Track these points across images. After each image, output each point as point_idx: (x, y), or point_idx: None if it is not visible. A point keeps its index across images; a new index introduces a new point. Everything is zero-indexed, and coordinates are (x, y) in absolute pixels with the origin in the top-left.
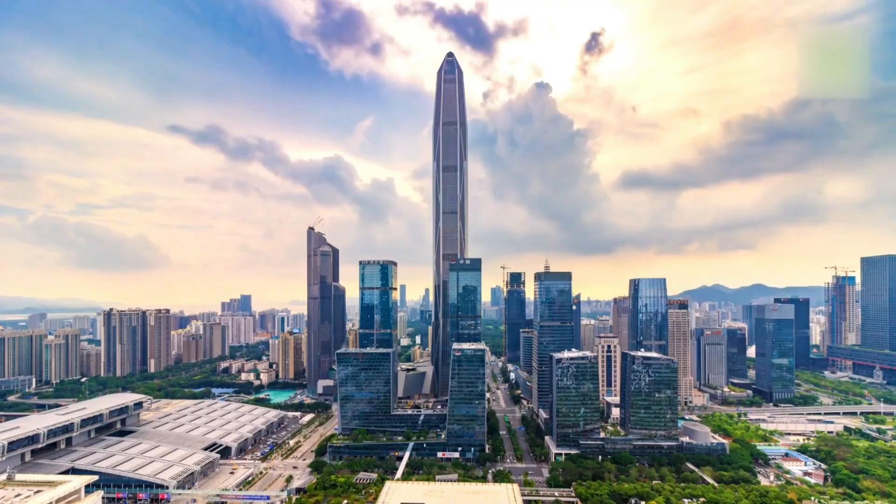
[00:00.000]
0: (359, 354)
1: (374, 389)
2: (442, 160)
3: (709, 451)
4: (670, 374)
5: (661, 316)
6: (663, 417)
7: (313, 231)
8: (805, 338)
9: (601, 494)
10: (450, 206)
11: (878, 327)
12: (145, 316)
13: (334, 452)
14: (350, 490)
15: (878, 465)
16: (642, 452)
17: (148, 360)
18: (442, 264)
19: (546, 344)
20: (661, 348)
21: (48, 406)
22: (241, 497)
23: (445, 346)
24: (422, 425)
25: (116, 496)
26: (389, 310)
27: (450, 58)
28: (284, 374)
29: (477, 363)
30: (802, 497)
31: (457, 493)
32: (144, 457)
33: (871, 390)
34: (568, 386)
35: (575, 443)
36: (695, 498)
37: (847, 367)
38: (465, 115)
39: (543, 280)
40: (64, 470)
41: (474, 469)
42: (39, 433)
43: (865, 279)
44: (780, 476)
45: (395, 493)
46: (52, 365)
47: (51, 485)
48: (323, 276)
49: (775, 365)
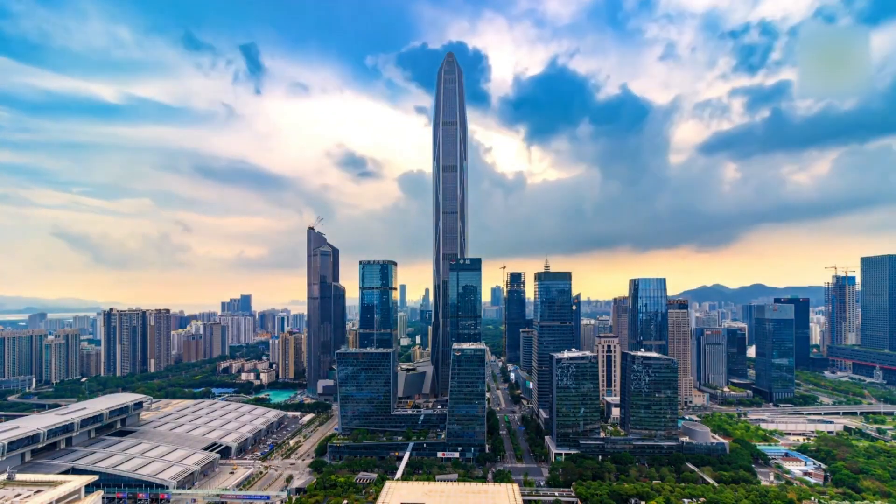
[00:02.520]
0: (359, 354)
1: (374, 389)
2: (442, 160)
3: (709, 451)
4: (670, 374)
5: (661, 316)
6: (663, 417)
7: (313, 231)
8: (805, 338)
9: (601, 494)
10: (450, 206)
11: (878, 327)
12: (145, 316)
13: (334, 452)
14: (350, 490)
15: (878, 465)
16: (642, 452)
17: (148, 360)
18: (442, 264)
19: (546, 344)
20: (661, 348)
21: (48, 406)
22: (241, 497)
23: (445, 346)
24: (422, 425)
25: (116, 496)
26: (389, 310)
27: (450, 58)
28: (284, 374)
29: (477, 363)
30: (802, 497)
31: (457, 493)
32: (144, 457)
33: (871, 390)
34: (568, 386)
35: (575, 443)
36: (695, 498)
37: (847, 367)
38: (466, 115)
39: (543, 280)
40: (64, 470)
41: (474, 469)
42: (39, 433)
43: (865, 279)
44: (780, 476)
45: (395, 493)
46: (52, 365)
47: (51, 485)
48: (323, 276)
49: (775, 365)
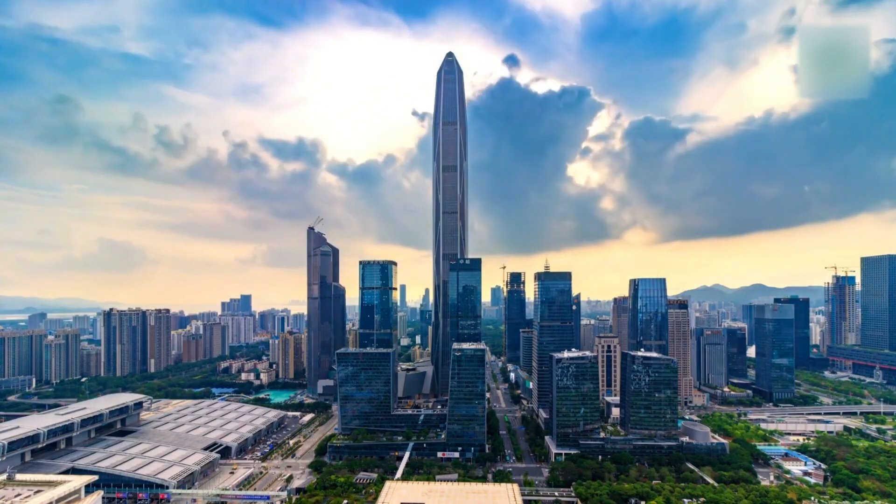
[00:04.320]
0: (359, 354)
1: (374, 389)
2: (442, 160)
3: (709, 451)
4: (670, 374)
5: (661, 316)
6: (663, 417)
7: (313, 231)
8: (805, 338)
9: (601, 494)
10: (450, 206)
11: (878, 327)
12: (145, 316)
13: (334, 452)
14: (350, 490)
15: (878, 465)
16: (642, 452)
17: (148, 360)
18: (442, 264)
19: (546, 344)
20: (661, 348)
21: (48, 406)
22: (241, 497)
23: (445, 346)
24: (422, 425)
25: (116, 496)
26: (389, 310)
27: (449, 58)
28: (284, 374)
29: (477, 363)
30: (802, 497)
31: (457, 493)
32: (144, 457)
33: (871, 390)
34: (568, 386)
35: (575, 443)
36: (695, 498)
37: (847, 367)
38: (466, 115)
39: (543, 280)
40: (64, 470)
41: (474, 469)
42: (39, 433)
43: (865, 279)
44: (780, 476)
45: (395, 493)
46: (52, 365)
47: (51, 485)
48: (323, 276)
49: (775, 365)
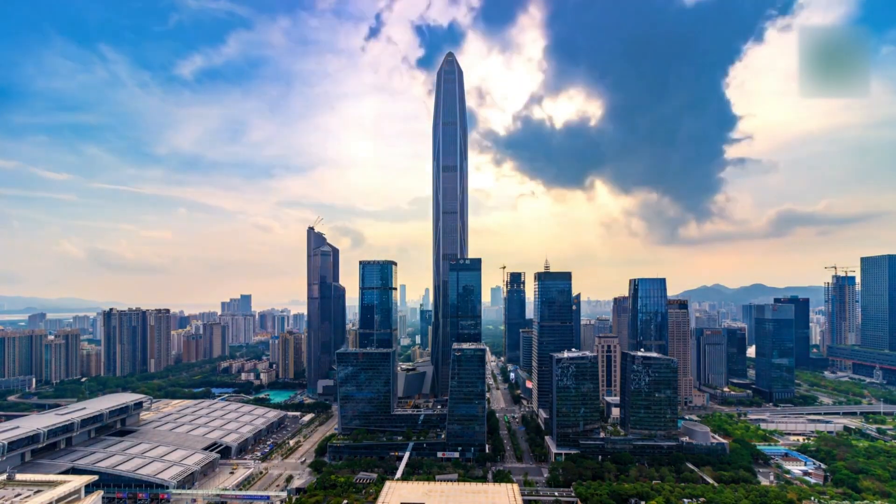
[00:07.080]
0: (359, 354)
1: (374, 389)
2: (442, 160)
3: (709, 451)
4: (670, 374)
5: (661, 316)
6: (663, 417)
7: (313, 231)
8: (805, 338)
9: (601, 494)
10: (450, 206)
11: (878, 327)
12: (145, 316)
13: (334, 452)
14: (350, 490)
15: (878, 465)
16: (642, 452)
17: (148, 360)
18: (442, 264)
19: (546, 344)
20: (660, 348)
21: (48, 406)
22: (241, 497)
23: (445, 346)
24: (422, 425)
25: (116, 496)
26: (389, 310)
27: (450, 58)
28: (284, 374)
29: (477, 363)
30: (802, 497)
31: (457, 493)
32: (144, 457)
33: (871, 390)
34: (568, 386)
35: (575, 443)
36: (695, 498)
37: (847, 367)
38: (465, 115)
39: (543, 280)
40: (64, 470)
41: (474, 469)
42: (39, 433)
43: (865, 279)
44: (780, 476)
45: (395, 493)
46: (52, 365)
47: (51, 485)
48: (323, 276)
49: (775, 365)
